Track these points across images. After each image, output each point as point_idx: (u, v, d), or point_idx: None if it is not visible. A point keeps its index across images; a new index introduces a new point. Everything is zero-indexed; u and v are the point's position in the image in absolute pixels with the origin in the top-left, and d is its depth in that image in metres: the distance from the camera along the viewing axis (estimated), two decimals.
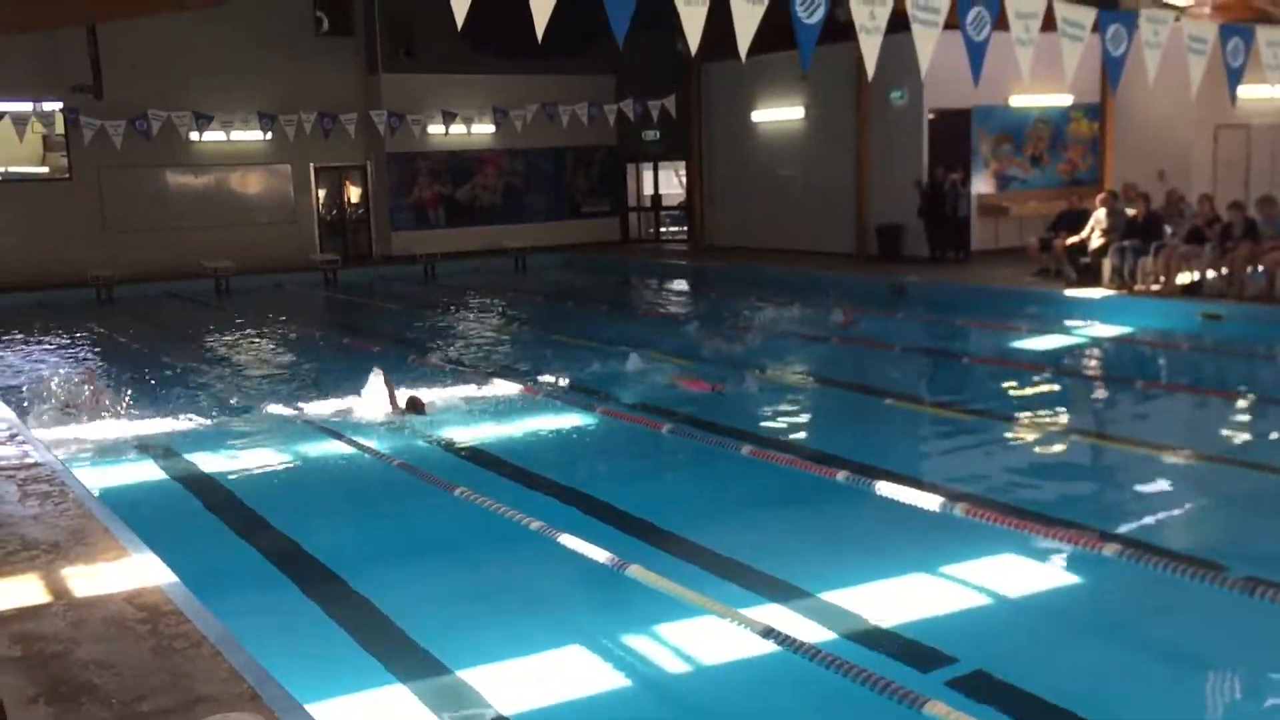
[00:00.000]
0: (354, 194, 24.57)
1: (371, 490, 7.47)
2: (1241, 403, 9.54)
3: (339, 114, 21.95)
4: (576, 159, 26.10)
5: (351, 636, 5.03)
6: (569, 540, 5.85)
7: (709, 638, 4.86)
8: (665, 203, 27.85)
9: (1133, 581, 5.45)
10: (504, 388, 10.45)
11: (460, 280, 21.23)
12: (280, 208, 23.42)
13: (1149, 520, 6.61)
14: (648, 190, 27.38)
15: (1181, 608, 5.21)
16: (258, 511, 6.90)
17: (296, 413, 9.57)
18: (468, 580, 5.80)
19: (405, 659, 4.76)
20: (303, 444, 8.52)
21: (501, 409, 9.61)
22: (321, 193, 23.99)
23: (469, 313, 16.83)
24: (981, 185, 20.03)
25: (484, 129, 24.30)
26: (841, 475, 6.94)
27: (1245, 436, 8.62)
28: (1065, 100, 20.35)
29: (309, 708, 3.76)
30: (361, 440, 8.44)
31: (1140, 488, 7.28)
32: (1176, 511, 6.92)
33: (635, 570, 5.37)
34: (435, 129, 23.69)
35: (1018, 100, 19.89)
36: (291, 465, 8.05)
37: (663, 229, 27.56)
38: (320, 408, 9.75)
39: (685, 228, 26.22)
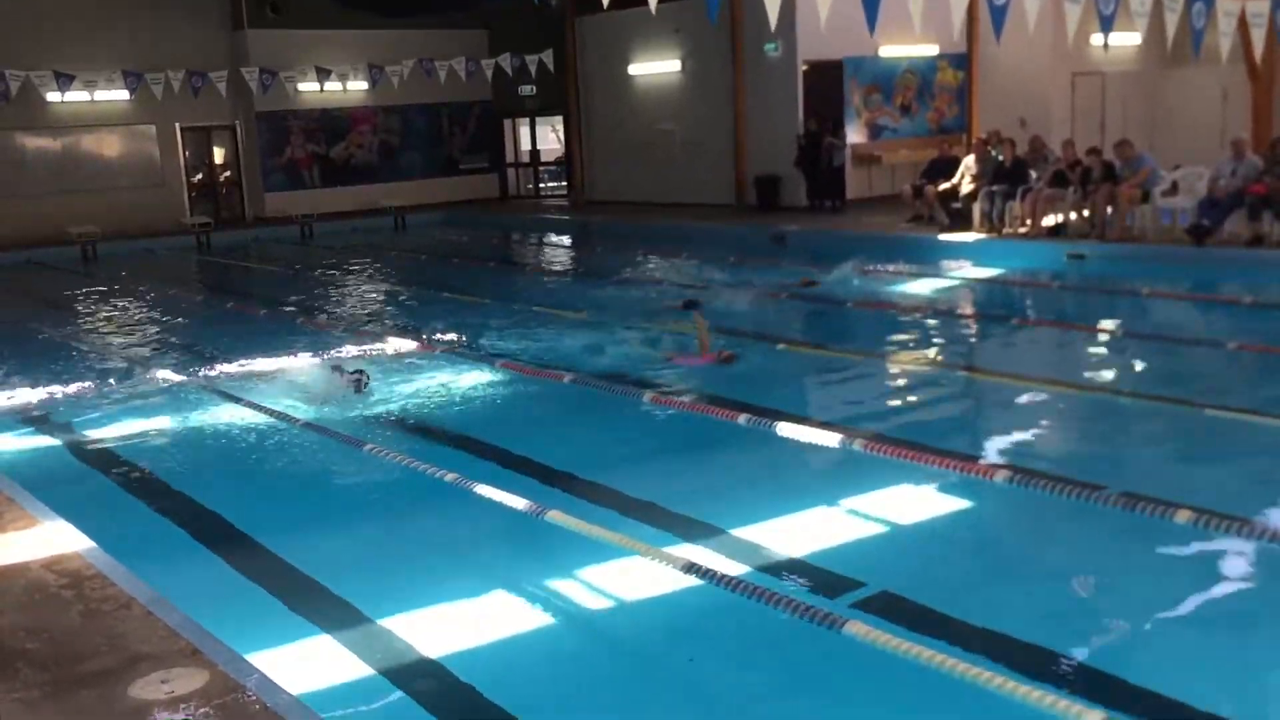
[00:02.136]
0: (223, 155, 23.88)
1: (277, 452, 7.42)
2: (1105, 335, 10.10)
3: (207, 72, 21.28)
4: (453, 115, 25.81)
5: (275, 597, 5.02)
6: (485, 490, 5.95)
7: (632, 576, 5.02)
8: (543, 158, 27.75)
9: (1020, 503, 5.82)
10: (404, 346, 10.42)
11: (340, 240, 20.89)
12: (146, 170, 22.66)
13: (1030, 446, 7.02)
14: (525, 146, 27.25)
15: (1067, 525, 5.59)
16: (163, 479, 6.81)
17: (188, 378, 9.39)
18: (386, 536, 5.83)
19: (331, 615, 4.77)
20: (198, 410, 8.38)
21: (407, 368, 9.58)
22: (188, 154, 23.26)
23: (354, 274, 16.60)
24: (854, 135, 20.47)
25: (359, 85, 23.84)
26: (743, 418, 7.18)
27: (1111, 366, 9.15)
28: (932, 50, 20.90)
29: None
30: (261, 402, 8.36)
31: (1019, 417, 7.69)
32: (1053, 437, 7.35)
33: (555, 515, 5.51)
34: (308, 86, 23.14)
35: (887, 51, 20.33)
36: (192, 430, 7.93)
37: (541, 185, 27.49)
38: (214, 371, 9.61)
39: (564, 183, 26.20)
